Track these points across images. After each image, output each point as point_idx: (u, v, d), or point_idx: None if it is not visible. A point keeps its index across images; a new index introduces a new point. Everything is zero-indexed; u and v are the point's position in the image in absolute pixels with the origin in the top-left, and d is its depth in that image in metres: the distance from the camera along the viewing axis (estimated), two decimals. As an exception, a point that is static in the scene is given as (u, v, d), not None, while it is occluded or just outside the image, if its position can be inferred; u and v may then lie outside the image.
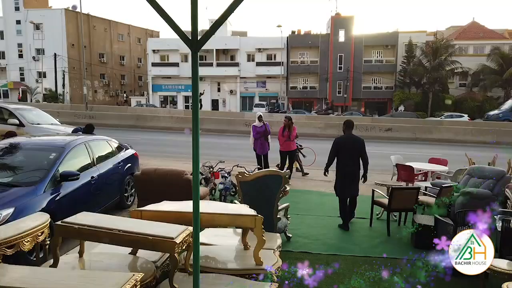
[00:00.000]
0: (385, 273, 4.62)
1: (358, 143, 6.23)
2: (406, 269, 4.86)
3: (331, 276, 4.47)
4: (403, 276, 4.67)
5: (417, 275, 4.65)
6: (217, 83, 46.88)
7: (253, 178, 4.95)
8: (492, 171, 6.53)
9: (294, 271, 4.46)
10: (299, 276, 4.11)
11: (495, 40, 40.63)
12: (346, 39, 42.43)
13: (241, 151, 12.43)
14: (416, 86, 40.03)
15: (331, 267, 4.74)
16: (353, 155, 6.18)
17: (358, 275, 4.53)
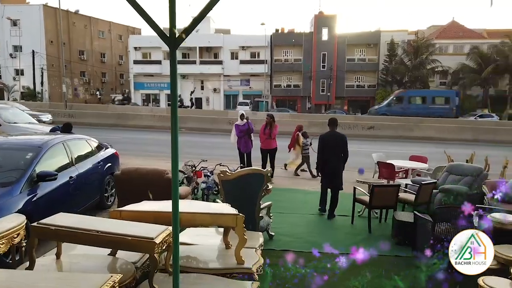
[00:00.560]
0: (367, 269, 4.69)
1: (341, 140, 6.60)
2: (387, 265, 4.96)
3: (313, 273, 4.50)
4: (383, 271, 4.76)
5: (397, 270, 4.74)
6: (200, 81, 46.58)
7: (235, 177, 4.93)
8: (470, 168, 6.69)
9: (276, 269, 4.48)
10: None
11: (474, 39, 41.54)
12: (329, 37, 42.73)
13: (224, 150, 12.39)
14: (398, 84, 40.64)
15: (313, 265, 4.79)
16: (336, 151, 6.58)
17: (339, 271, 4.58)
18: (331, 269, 4.64)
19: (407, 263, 4.91)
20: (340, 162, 6.63)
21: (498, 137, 19.75)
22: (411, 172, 8.33)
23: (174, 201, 2.44)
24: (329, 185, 6.80)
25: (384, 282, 4.44)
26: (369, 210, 6.00)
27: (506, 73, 36.48)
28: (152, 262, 2.99)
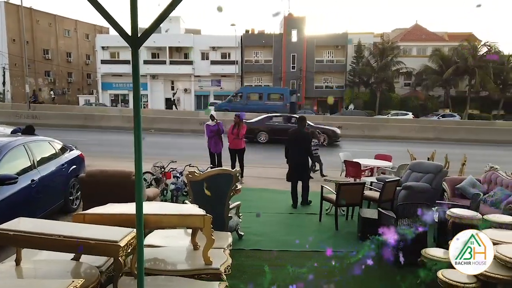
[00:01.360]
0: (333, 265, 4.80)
1: (305, 137, 7.24)
2: (352, 261, 5.07)
3: (282, 271, 4.56)
4: (348, 267, 4.87)
5: (361, 266, 4.86)
6: (170, 81, 45.96)
7: (204, 177, 4.92)
8: (431, 166, 6.97)
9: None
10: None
11: (436, 42, 43.27)
12: (299, 39, 43.27)
13: (195, 151, 12.30)
14: (365, 85, 41.70)
15: (282, 263, 4.85)
16: (300, 146, 7.18)
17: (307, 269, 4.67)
18: (299, 266, 4.73)
19: (371, 257, 5.05)
20: (304, 157, 7.23)
21: (458, 135, 20.66)
22: (376, 170, 8.58)
23: (137, 203, 2.42)
24: (294, 179, 7.27)
25: (349, 278, 4.55)
26: (336, 208, 6.14)
27: (466, 75, 38.18)
28: (116, 265, 2.94)
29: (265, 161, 12.42)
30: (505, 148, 17.98)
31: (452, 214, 4.62)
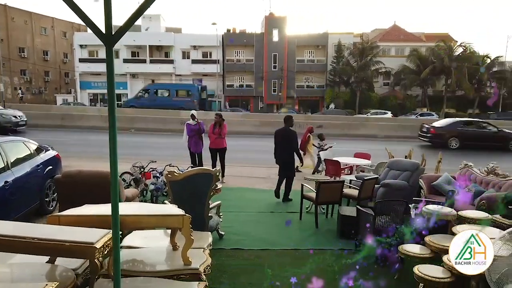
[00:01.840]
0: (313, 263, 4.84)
1: (290, 135, 7.53)
2: (331, 259, 5.14)
3: (262, 270, 4.58)
4: (328, 265, 4.93)
5: (340, 263, 4.92)
6: (151, 80, 45.40)
7: (183, 177, 4.88)
8: (408, 164, 7.12)
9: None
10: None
11: (413, 42, 44.17)
12: (280, 38, 43.43)
13: (176, 150, 12.19)
14: (345, 85, 42.21)
15: (262, 262, 4.87)
16: (286, 144, 7.49)
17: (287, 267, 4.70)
18: (279, 265, 4.75)
19: (351, 255, 5.12)
20: (291, 155, 7.53)
21: (436, 134, 21.11)
22: (355, 169, 8.70)
23: (113, 204, 2.39)
24: (282, 175, 7.60)
25: (328, 274, 4.60)
26: (316, 206, 6.19)
27: (442, 74, 39.12)
28: (92, 267, 2.89)
29: (248, 161, 12.42)
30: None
31: (427, 210, 4.73)
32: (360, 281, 4.32)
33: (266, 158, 12.64)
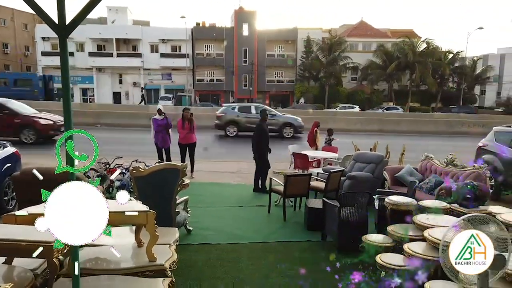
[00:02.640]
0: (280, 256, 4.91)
1: (267, 128, 8.00)
2: (298, 250, 5.22)
3: (229, 264, 4.59)
4: (295, 256, 5.01)
5: (307, 254, 5.02)
6: (118, 74, 44.25)
7: (149, 172, 4.80)
8: (373, 156, 7.31)
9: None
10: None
11: (380, 38, 45.27)
12: (250, 33, 43.35)
13: (144, 146, 11.95)
14: (315, 79, 42.75)
15: (229, 256, 4.88)
16: (264, 138, 7.85)
17: (254, 260, 4.73)
18: (247, 258, 4.78)
19: (317, 247, 5.23)
20: (268, 147, 7.91)
21: (400, 127, 21.82)
22: (323, 162, 8.85)
23: (71, 200, 2.31)
24: (261, 165, 7.91)
25: (296, 265, 4.67)
26: (284, 199, 6.25)
27: (407, 69, 40.35)
28: (51, 267, 2.80)
29: (216, 156, 12.38)
30: (442, 138, 19.26)
31: (390, 201, 4.88)
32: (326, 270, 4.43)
33: (236, 152, 12.69)
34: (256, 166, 8.03)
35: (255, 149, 7.99)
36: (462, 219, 2.86)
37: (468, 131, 21.44)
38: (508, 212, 4.49)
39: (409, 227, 4.47)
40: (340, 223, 4.91)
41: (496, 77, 44.79)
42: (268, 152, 8.01)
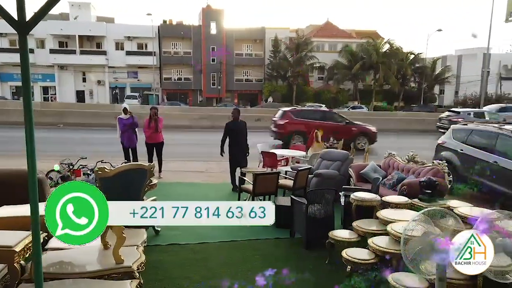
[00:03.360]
0: (250, 253, 4.94)
1: (243, 126, 8.03)
2: (267, 247, 5.29)
3: (198, 263, 4.59)
4: (264, 254, 5.07)
5: (276, 251, 5.09)
6: (81, 72, 42.79)
7: (115, 173, 4.68)
8: (339, 154, 7.50)
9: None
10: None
11: (345, 38, 46.33)
12: (218, 31, 43.16)
13: (109, 146, 11.66)
14: (282, 79, 43.17)
15: (198, 255, 4.87)
16: (239, 135, 7.93)
17: (224, 259, 4.75)
18: (216, 257, 4.79)
19: (285, 244, 5.32)
20: (244, 145, 7.99)
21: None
22: (291, 160, 8.98)
23: (32, 204, 2.24)
24: (237, 165, 7.95)
25: (264, 263, 4.73)
26: (253, 198, 6.30)
27: (371, 70, 41.54)
28: (12, 272, 2.70)
29: (186, 155, 12.27)
30: (405, 135, 20.01)
31: (355, 197, 5.03)
32: (293, 265, 4.52)
33: (205, 151, 12.62)
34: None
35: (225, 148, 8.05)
36: (422, 213, 3.01)
37: (427, 129, 22.38)
38: (465, 206, 4.74)
39: (374, 222, 4.64)
40: (308, 220, 5.02)
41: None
42: (242, 151, 7.99)
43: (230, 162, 8.09)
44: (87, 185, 2.20)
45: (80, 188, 2.15)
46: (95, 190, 2.20)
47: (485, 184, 7.20)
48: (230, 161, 8.10)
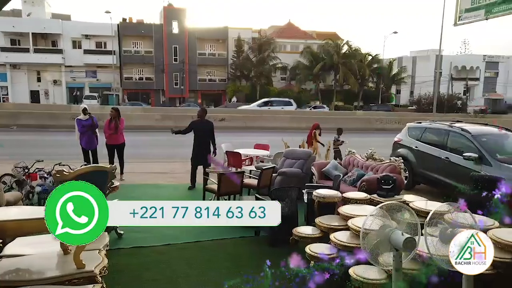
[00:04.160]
0: (215, 253, 4.96)
1: (209, 126, 8.06)
2: (232, 247, 5.32)
3: (163, 265, 4.55)
4: (229, 252, 5.10)
5: (241, 250, 5.13)
6: (36, 72, 40.82)
7: (75, 176, 4.54)
8: (301, 153, 7.66)
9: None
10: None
11: (306, 39, 47.21)
12: (180, 31, 42.61)
13: (68, 148, 11.24)
14: (246, 79, 43.31)
15: (163, 257, 4.82)
16: (205, 135, 7.96)
17: (189, 260, 4.73)
18: (181, 258, 4.77)
19: (251, 242, 5.38)
20: (208, 144, 8.01)
21: (326, 125, 22.95)
22: (255, 159, 9.06)
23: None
24: (200, 164, 8.00)
25: (230, 262, 4.77)
26: (218, 198, 6.31)
27: (332, 70, 42.63)
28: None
29: (148, 156, 12.05)
30: (364, 134, 20.70)
31: (317, 194, 5.17)
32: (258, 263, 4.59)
33: (168, 152, 12.45)
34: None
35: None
36: (379, 207, 3.16)
37: (385, 127, 23.29)
38: (420, 200, 5.01)
39: (335, 218, 4.80)
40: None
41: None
42: (205, 152, 7.96)
43: (192, 161, 8.08)
44: (87, 184, 2.18)
45: (80, 187, 2.12)
46: (95, 190, 2.18)
47: (438, 179, 7.62)
48: (192, 160, 8.08)
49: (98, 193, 2.16)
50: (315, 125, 11.00)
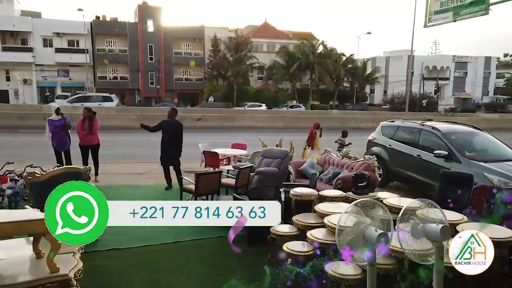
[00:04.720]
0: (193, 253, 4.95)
1: (178, 127, 8.00)
2: (210, 247, 5.32)
3: (140, 267, 4.50)
4: (208, 252, 5.10)
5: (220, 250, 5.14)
6: (5, 70, 39.37)
7: (47, 177, 4.46)
8: (278, 152, 7.73)
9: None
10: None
11: (282, 39, 47.53)
12: (155, 29, 42.04)
13: (39, 149, 10.93)
14: (223, 78, 43.20)
15: (140, 259, 4.78)
16: (173, 135, 7.88)
17: (167, 261, 4.71)
18: (158, 260, 4.74)
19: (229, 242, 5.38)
20: (177, 144, 7.93)
21: (302, 124, 23.21)
22: (233, 159, 9.07)
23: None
24: (168, 164, 7.99)
25: (208, 261, 4.77)
26: (195, 198, 6.28)
27: (307, 70, 43.13)
28: None
29: (124, 157, 11.85)
30: (339, 133, 20.99)
31: (294, 193, 5.24)
32: (236, 262, 4.62)
33: (144, 153, 12.27)
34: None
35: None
36: (354, 204, 3.24)
37: (360, 126, 23.74)
38: (393, 197, 5.15)
39: (311, 216, 4.87)
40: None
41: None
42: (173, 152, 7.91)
43: (161, 162, 8.02)
44: (87, 184, 2.15)
45: (80, 187, 2.08)
46: (95, 190, 2.15)
47: (411, 176, 7.85)
48: (161, 160, 8.00)
49: (98, 193, 2.15)
50: (315, 125, 10.79)
